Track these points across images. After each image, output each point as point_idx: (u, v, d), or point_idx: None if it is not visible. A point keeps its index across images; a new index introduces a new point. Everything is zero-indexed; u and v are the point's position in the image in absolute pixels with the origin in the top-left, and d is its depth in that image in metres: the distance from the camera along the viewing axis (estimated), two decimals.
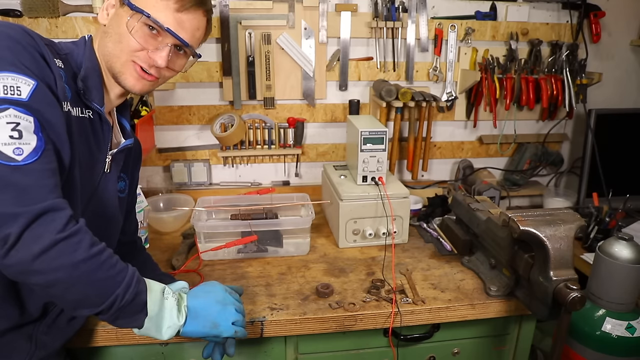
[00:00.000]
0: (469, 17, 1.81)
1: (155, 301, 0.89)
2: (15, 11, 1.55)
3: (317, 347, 1.23)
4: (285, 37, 1.71)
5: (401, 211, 1.49)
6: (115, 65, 0.95)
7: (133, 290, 0.85)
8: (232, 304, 1.01)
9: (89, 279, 0.79)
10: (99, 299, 0.82)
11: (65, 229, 0.76)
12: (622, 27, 1.93)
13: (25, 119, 0.76)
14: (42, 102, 0.79)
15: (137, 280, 0.87)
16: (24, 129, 0.76)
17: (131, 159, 1.16)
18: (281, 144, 1.84)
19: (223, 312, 0.98)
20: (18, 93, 0.76)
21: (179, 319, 0.92)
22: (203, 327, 0.95)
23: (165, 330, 0.91)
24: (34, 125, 0.77)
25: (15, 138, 0.75)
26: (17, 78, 0.77)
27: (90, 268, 0.79)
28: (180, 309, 0.93)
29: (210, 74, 1.72)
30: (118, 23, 0.93)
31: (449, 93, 1.87)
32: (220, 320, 0.97)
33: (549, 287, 1.04)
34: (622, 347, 1.19)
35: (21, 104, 0.76)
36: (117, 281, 0.83)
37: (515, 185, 1.96)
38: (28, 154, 0.75)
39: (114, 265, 0.83)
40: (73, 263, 0.77)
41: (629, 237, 1.19)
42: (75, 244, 0.77)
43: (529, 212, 1.12)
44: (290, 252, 1.45)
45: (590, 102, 1.87)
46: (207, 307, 0.97)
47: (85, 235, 0.79)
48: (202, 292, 1.00)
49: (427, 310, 1.19)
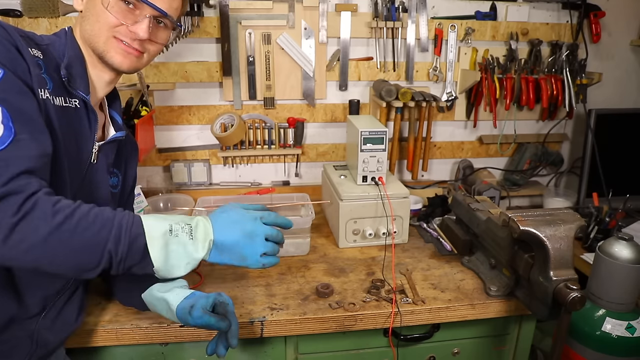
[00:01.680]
0: (469, 17, 1.81)
1: (159, 248, 0.84)
2: (15, 11, 1.55)
3: (317, 347, 1.23)
4: (285, 37, 1.71)
5: (401, 211, 1.49)
6: (98, 44, 0.94)
7: (125, 240, 0.81)
8: (261, 234, 0.95)
9: (67, 247, 0.77)
10: (92, 259, 0.79)
11: (19, 210, 0.73)
12: (622, 27, 1.93)
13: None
14: (11, 91, 0.77)
15: (128, 227, 0.82)
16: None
17: (124, 154, 1.15)
18: (281, 144, 1.84)
19: (251, 245, 0.93)
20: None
21: (197, 251, 0.88)
22: (229, 259, 0.93)
23: (185, 267, 0.88)
24: (2, 115, 0.75)
25: None
26: None
27: (63, 237, 0.76)
28: (202, 241, 0.89)
29: (210, 74, 1.72)
30: (93, 4, 0.93)
31: (449, 93, 1.87)
32: (248, 254, 0.93)
33: (549, 287, 1.04)
34: (622, 347, 1.19)
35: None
36: (102, 237, 0.79)
37: (515, 185, 1.96)
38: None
39: (92, 223, 0.79)
40: (40, 240, 0.74)
41: (629, 237, 1.19)
42: (34, 220, 0.74)
43: (529, 212, 1.12)
44: (290, 252, 1.45)
45: (590, 102, 1.87)
46: (235, 242, 0.92)
47: (44, 206, 0.75)
48: (228, 223, 0.93)
49: (427, 310, 1.19)
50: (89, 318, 1.10)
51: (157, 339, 1.11)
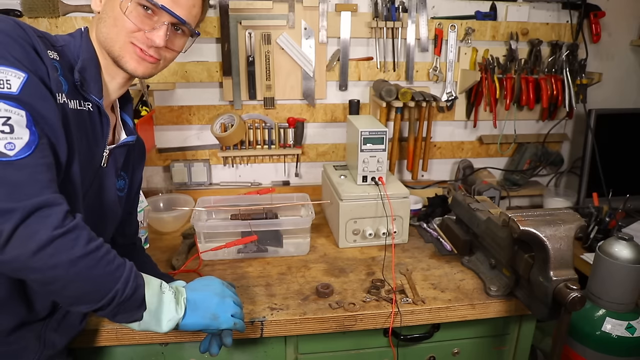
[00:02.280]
0: (469, 17, 1.81)
1: (154, 295, 0.89)
2: (15, 11, 1.55)
3: (317, 347, 1.23)
4: (285, 37, 1.71)
5: (401, 211, 1.49)
6: (113, 48, 0.93)
7: (132, 285, 0.84)
8: (230, 297, 1.02)
9: (87, 275, 0.78)
10: (98, 294, 0.81)
11: (62, 225, 0.74)
12: (622, 27, 1.93)
13: (16, 112, 0.74)
14: (34, 96, 0.78)
15: (136, 275, 0.86)
16: (15, 123, 0.74)
17: (132, 157, 1.15)
18: (281, 144, 1.84)
19: (222, 304, 0.99)
20: (8, 86, 0.74)
21: (177, 311, 0.92)
22: (202, 318, 0.96)
23: (166, 324, 0.91)
24: (26, 119, 0.75)
25: (7, 133, 0.73)
26: (6, 71, 0.75)
27: (89, 264, 0.78)
28: (179, 301, 0.93)
29: (210, 74, 1.72)
30: (112, 7, 0.91)
31: (449, 93, 1.87)
32: (220, 312, 0.98)
33: (549, 287, 1.04)
34: (622, 347, 1.20)
35: (12, 97, 0.74)
36: (116, 277, 0.82)
37: (515, 185, 1.96)
38: (20, 148, 0.74)
39: (112, 261, 0.82)
40: (71, 260, 0.75)
41: (629, 237, 1.19)
42: (73, 240, 0.76)
43: (529, 212, 1.12)
44: (290, 252, 1.45)
45: (590, 102, 1.87)
46: (206, 299, 0.98)
47: (82, 231, 0.78)
48: (200, 286, 1.01)
49: (427, 310, 1.19)
50: (89, 318, 1.10)
51: (157, 339, 1.11)
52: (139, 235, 1.33)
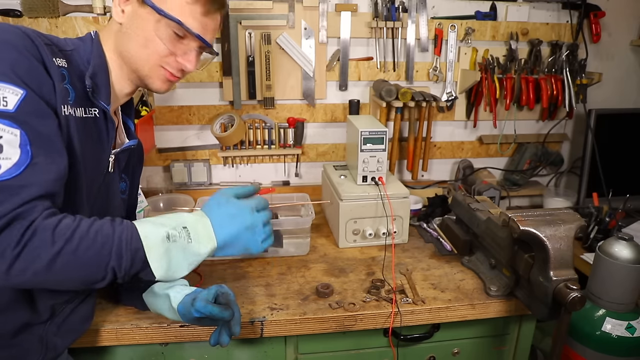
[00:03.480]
0: (469, 17, 1.81)
1: (159, 257, 0.85)
2: (15, 11, 1.55)
3: (317, 347, 1.23)
4: (285, 37, 1.71)
5: (401, 211, 1.49)
6: (142, 69, 0.94)
7: (128, 256, 0.81)
8: (260, 224, 0.97)
9: (71, 269, 0.77)
10: (97, 276, 0.80)
11: (20, 241, 0.72)
12: (622, 27, 1.93)
13: (9, 131, 0.73)
14: (32, 113, 0.76)
15: (128, 243, 0.81)
16: (6, 142, 0.72)
17: (133, 160, 1.15)
18: (281, 144, 1.84)
19: (253, 237, 0.96)
20: (4, 104, 0.73)
21: (199, 252, 0.89)
22: (232, 252, 0.95)
23: (188, 268, 0.90)
24: (20, 139, 0.73)
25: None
26: (4, 88, 0.73)
27: (65, 260, 0.75)
28: (201, 241, 0.89)
29: (210, 74, 1.72)
30: (141, 26, 0.91)
31: (449, 93, 1.87)
32: (251, 244, 0.96)
33: (549, 287, 1.04)
34: (622, 347, 1.20)
35: (7, 115, 0.73)
36: (104, 255, 0.79)
37: (515, 185, 1.96)
38: (7, 169, 0.72)
39: (93, 242, 0.78)
40: (44, 266, 0.74)
41: (629, 237, 1.19)
42: (35, 249, 0.73)
43: (529, 212, 1.12)
44: (290, 252, 1.45)
45: (590, 102, 1.87)
46: (237, 236, 0.94)
47: (43, 234, 0.74)
48: (227, 218, 0.94)
49: (427, 310, 1.19)
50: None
51: (157, 339, 1.11)
52: None
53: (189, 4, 0.91)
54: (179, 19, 0.90)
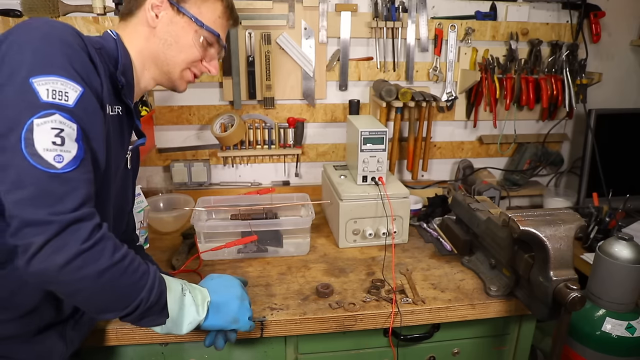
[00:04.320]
0: (469, 17, 1.81)
1: (175, 300, 0.90)
2: (15, 11, 1.55)
3: (317, 347, 1.23)
4: (285, 37, 1.71)
5: (401, 211, 1.49)
6: (174, 72, 1.02)
7: (156, 292, 0.85)
8: (247, 299, 1.05)
9: (113, 285, 0.79)
10: (123, 303, 0.82)
11: (89, 238, 0.75)
12: (622, 27, 1.93)
13: (69, 125, 0.75)
14: (87, 110, 0.79)
15: (159, 282, 0.87)
16: (67, 135, 0.74)
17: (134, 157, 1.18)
18: (281, 144, 1.84)
19: (242, 307, 1.02)
20: (65, 99, 0.75)
21: (199, 313, 0.94)
22: (224, 321, 0.99)
23: (186, 327, 0.93)
24: (77, 133, 0.76)
25: (58, 145, 0.73)
26: (66, 83, 0.76)
27: (115, 275, 0.78)
28: (200, 303, 0.95)
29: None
30: (176, 32, 0.99)
31: (449, 93, 1.87)
32: (240, 316, 1.01)
33: (549, 287, 1.04)
34: (622, 347, 1.20)
35: (67, 110, 0.75)
36: (141, 285, 0.83)
37: (515, 185, 1.96)
38: (68, 162, 0.74)
39: (136, 269, 0.82)
40: (97, 272, 0.76)
41: (629, 237, 1.19)
42: (99, 252, 0.76)
43: (529, 212, 1.12)
44: (290, 252, 1.45)
45: (590, 102, 1.87)
46: (228, 303, 1.00)
47: (107, 241, 0.78)
48: (222, 287, 1.03)
49: (427, 310, 1.19)
50: None
51: (157, 339, 1.11)
52: (139, 235, 1.33)
53: (220, 18, 1.03)
54: (218, 32, 1.02)
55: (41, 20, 0.81)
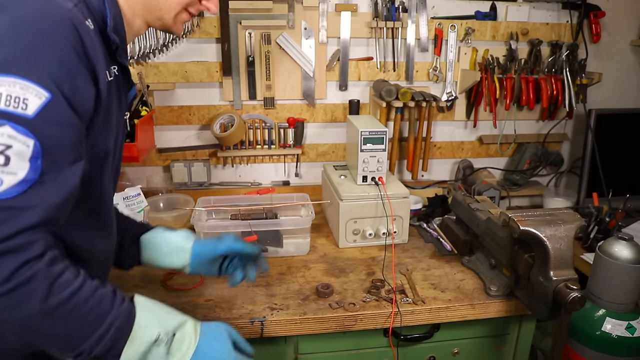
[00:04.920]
0: (469, 17, 1.81)
1: (136, 354, 0.72)
2: None
3: (317, 347, 1.23)
4: (285, 37, 1.71)
5: (401, 211, 1.49)
6: (167, 17, 0.87)
7: (106, 343, 0.69)
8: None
9: (44, 333, 0.65)
10: (62, 348, 0.69)
11: (11, 278, 0.60)
12: (622, 27, 1.93)
13: (22, 141, 0.61)
14: (54, 121, 0.64)
15: (116, 331, 0.70)
16: (15, 154, 0.60)
17: None
18: (281, 144, 1.84)
19: None
20: (23, 107, 0.61)
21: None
22: None
23: None
24: (33, 151, 0.62)
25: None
26: (27, 87, 0.61)
27: (46, 322, 0.64)
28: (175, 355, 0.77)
29: (210, 74, 1.72)
30: None
31: (449, 93, 1.87)
32: None
33: (549, 287, 1.04)
34: (622, 347, 1.20)
35: (22, 120, 0.61)
36: (84, 335, 0.68)
37: (515, 185, 1.96)
38: (8, 187, 0.60)
39: (84, 315, 0.67)
40: (20, 318, 0.62)
41: (629, 237, 1.19)
42: (23, 296, 0.61)
43: (529, 212, 1.12)
44: (290, 252, 1.45)
45: (590, 102, 1.87)
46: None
47: (40, 283, 0.62)
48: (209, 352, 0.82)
49: (427, 310, 1.19)
50: None
51: None
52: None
53: None
54: None
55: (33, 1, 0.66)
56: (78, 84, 0.68)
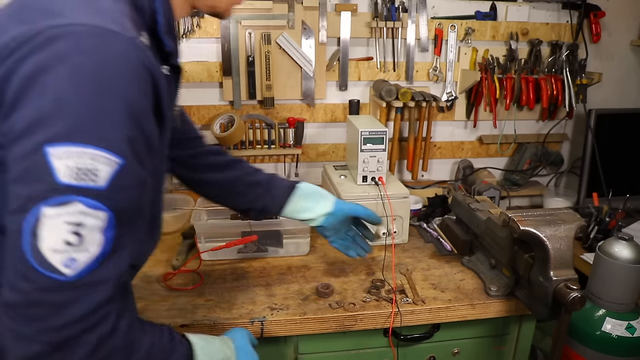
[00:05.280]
0: (469, 17, 1.81)
1: None
2: None
3: (317, 347, 1.23)
4: (285, 37, 1.71)
5: (401, 211, 1.48)
6: (221, 5, 0.82)
7: None
8: None
9: None
10: None
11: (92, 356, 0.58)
12: (622, 27, 1.93)
13: (94, 215, 0.56)
14: (126, 187, 0.59)
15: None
16: (88, 231, 0.56)
17: None
18: (281, 144, 1.84)
19: None
20: (93, 179, 0.55)
21: None
22: None
23: None
24: (106, 222, 0.57)
25: (71, 244, 0.55)
26: (96, 156, 0.55)
27: None
28: None
29: (210, 74, 1.72)
30: None
31: (449, 93, 1.87)
32: None
33: (549, 287, 1.04)
34: (622, 347, 1.20)
35: (94, 193, 0.56)
36: None
37: (515, 185, 1.96)
38: (82, 267, 0.56)
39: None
40: None
41: (629, 237, 1.19)
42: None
43: (529, 212, 1.12)
44: (290, 252, 1.45)
45: (590, 102, 1.87)
46: None
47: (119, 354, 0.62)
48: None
49: (427, 310, 1.19)
50: None
51: None
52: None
53: None
54: None
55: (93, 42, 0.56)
56: (147, 129, 0.61)
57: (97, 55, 0.56)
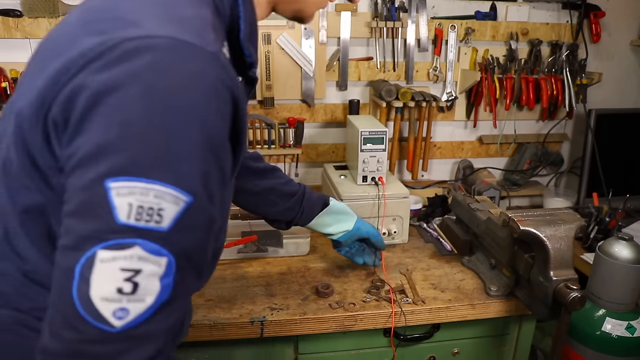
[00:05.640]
0: (469, 17, 1.81)
1: None
2: (15, 11, 1.55)
3: (317, 347, 1.23)
4: (285, 37, 1.71)
5: (401, 211, 1.48)
6: (308, 10, 0.77)
7: None
8: None
9: None
10: None
11: None
12: (622, 27, 1.93)
13: (154, 261, 0.49)
14: (192, 228, 0.52)
15: None
16: (144, 278, 0.49)
17: None
18: (281, 144, 1.84)
19: None
20: (157, 220, 0.48)
21: None
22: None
23: None
24: (165, 269, 0.50)
25: (125, 294, 0.48)
26: (163, 193, 0.48)
27: None
28: None
29: None
30: None
31: (449, 93, 1.87)
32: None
33: (549, 287, 1.04)
34: (622, 347, 1.20)
35: (156, 236, 0.49)
36: None
37: (515, 185, 1.96)
38: (133, 317, 0.49)
39: None
40: None
41: (629, 237, 1.19)
42: None
43: (529, 212, 1.12)
44: (290, 252, 1.45)
45: (590, 102, 1.87)
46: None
47: None
48: None
49: (427, 310, 1.19)
50: None
51: None
52: None
53: None
54: None
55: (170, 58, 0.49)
56: (222, 160, 0.54)
57: (174, 73, 0.49)
